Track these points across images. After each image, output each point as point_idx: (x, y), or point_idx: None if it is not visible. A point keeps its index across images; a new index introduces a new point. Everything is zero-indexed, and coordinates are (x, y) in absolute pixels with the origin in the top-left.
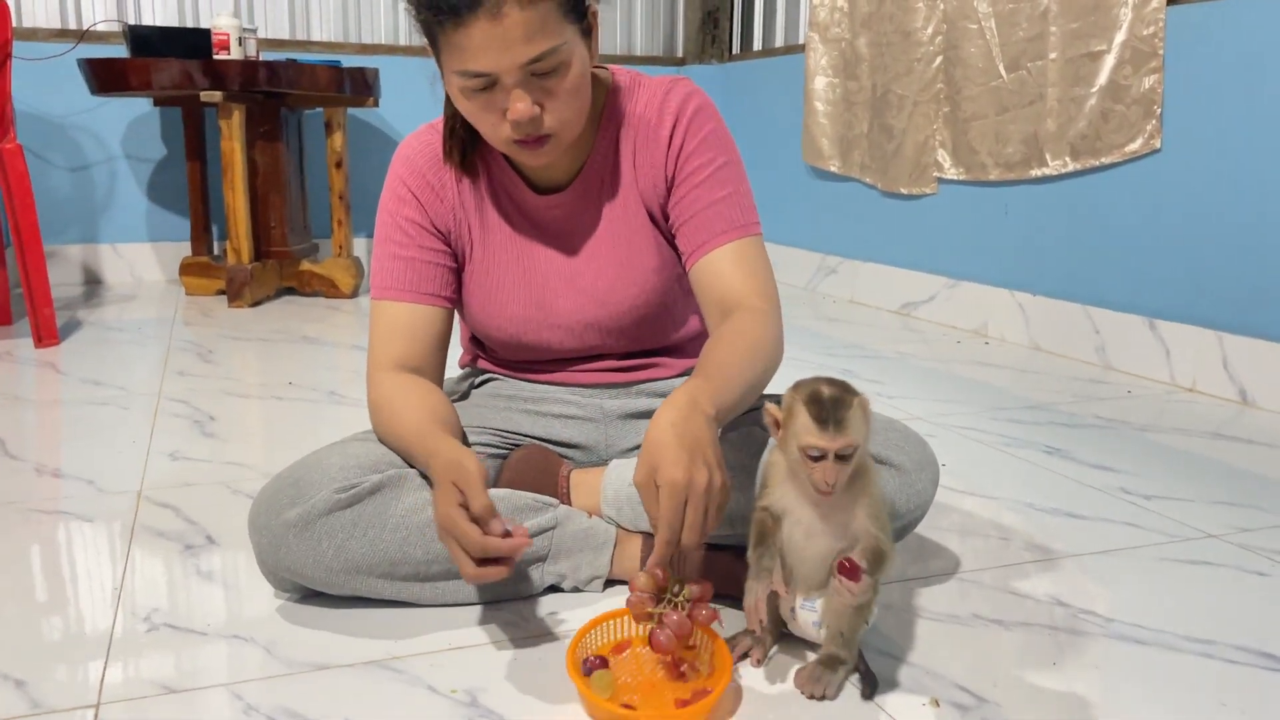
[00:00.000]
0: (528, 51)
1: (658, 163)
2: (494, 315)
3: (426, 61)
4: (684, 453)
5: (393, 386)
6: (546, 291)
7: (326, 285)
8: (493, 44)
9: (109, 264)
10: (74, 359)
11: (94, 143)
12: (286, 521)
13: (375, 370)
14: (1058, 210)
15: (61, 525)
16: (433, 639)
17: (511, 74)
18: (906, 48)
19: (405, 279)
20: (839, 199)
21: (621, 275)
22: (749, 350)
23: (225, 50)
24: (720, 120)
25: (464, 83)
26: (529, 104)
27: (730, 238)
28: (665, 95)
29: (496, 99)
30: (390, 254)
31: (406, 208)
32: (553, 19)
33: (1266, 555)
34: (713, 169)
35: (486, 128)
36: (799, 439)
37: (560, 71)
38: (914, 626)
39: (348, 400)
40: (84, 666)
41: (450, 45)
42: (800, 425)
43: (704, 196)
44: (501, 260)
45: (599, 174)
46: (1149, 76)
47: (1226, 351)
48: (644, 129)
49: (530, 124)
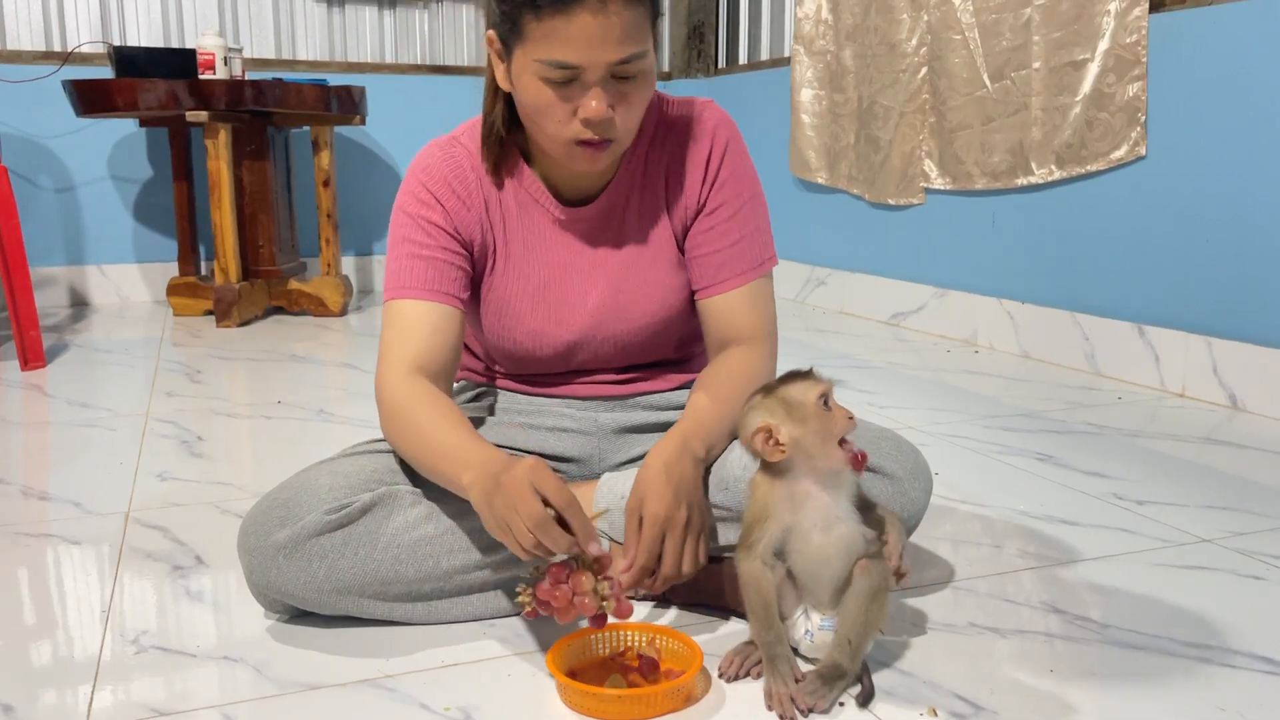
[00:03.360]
0: (621, 51)
1: (692, 187)
2: (510, 328)
3: (414, 79)
4: (670, 491)
5: (409, 392)
6: (565, 307)
7: (315, 304)
8: (592, 37)
9: (96, 285)
10: (61, 381)
11: (80, 164)
12: (276, 543)
13: (389, 372)
14: (1045, 218)
15: (49, 548)
16: (425, 657)
17: (598, 70)
18: (891, 59)
19: (426, 277)
20: (827, 211)
21: (641, 291)
22: (744, 385)
23: (211, 70)
24: (748, 152)
25: (546, 73)
26: (605, 104)
27: (747, 279)
28: (701, 120)
29: (573, 94)
30: (409, 254)
31: (431, 211)
32: (644, 24)
33: (1261, 559)
34: (739, 204)
35: (552, 124)
36: (811, 415)
37: (639, 78)
38: (909, 636)
39: (337, 419)
40: (73, 690)
41: (542, 32)
42: (802, 401)
43: (728, 234)
44: (523, 272)
45: (627, 189)
46: (1133, 84)
47: (1215, 356)
48: (679, 151)
49: (602, 125)
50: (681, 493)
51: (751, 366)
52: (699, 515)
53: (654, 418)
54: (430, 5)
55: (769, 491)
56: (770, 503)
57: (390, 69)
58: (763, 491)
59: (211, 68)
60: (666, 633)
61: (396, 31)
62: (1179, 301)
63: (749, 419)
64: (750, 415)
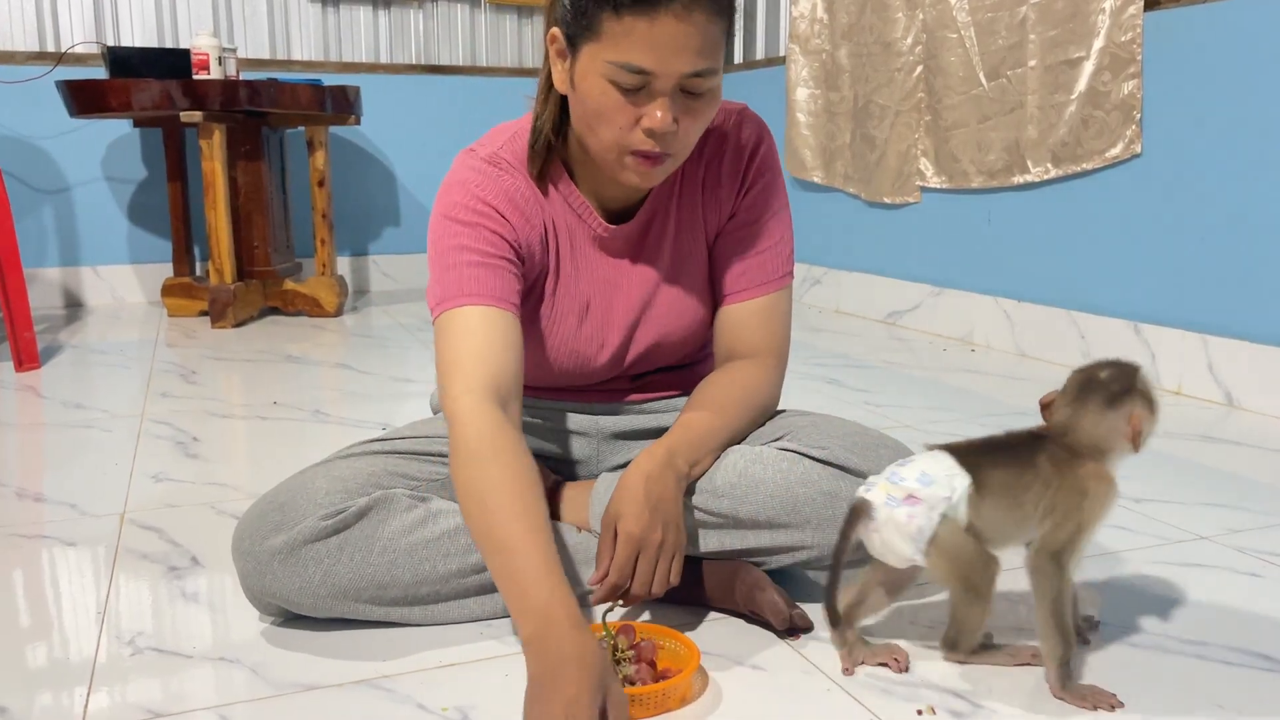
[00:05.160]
0: (697, 63)
1: (728, 196)
2: (555, 348)
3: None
4: (647, 509)
5: (491, 432)
6: (606, 324)
7: (310, 304)
8: (672, 43)
9: (90, 286)
10: (55, 382)
11: (74, 165)
12: (271, 548)
13: (465, 394)
14: (1041, 217)
15: (44, 550)
16: (422, 657)
17: (670, 80)
18: (887, 58)
19: (493, 285)
20: (823, 210)
21: (675, 307)
22: (743, 402)
23: (205, 70)
24: (779, 162)
25: (617, 75)
26: (671, 116)
27: (765, 291)
28: (739, 125)
29: (640, 101)
30: (468, 261)
31: (492, 222)
32: (721, 42)
33: (1258, 556)
34: (768, 214)
35: (612, 130)
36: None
37: (707, 95)
38: (908, 634)
39: (332, 419)
40: (68, 692)
41: (619, 32)
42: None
43: (754, 243)
44: (571, 293)
45: (666, 202)
46: (1128, 82)
47: (1211, 354)
48: (716, 161)
49: (664, 138)
50: (659, 511)
51: (754, 382)
52: (674, 534)
53: (654, 422)
54: (425, 5)
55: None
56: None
57: (385, 69)
58: (1112, 491)
59: (206, 68)
60: (664, 632)
61: (391, 31)
62: (1175, 299)
63: (1110, 414)
64: (1121, 410)
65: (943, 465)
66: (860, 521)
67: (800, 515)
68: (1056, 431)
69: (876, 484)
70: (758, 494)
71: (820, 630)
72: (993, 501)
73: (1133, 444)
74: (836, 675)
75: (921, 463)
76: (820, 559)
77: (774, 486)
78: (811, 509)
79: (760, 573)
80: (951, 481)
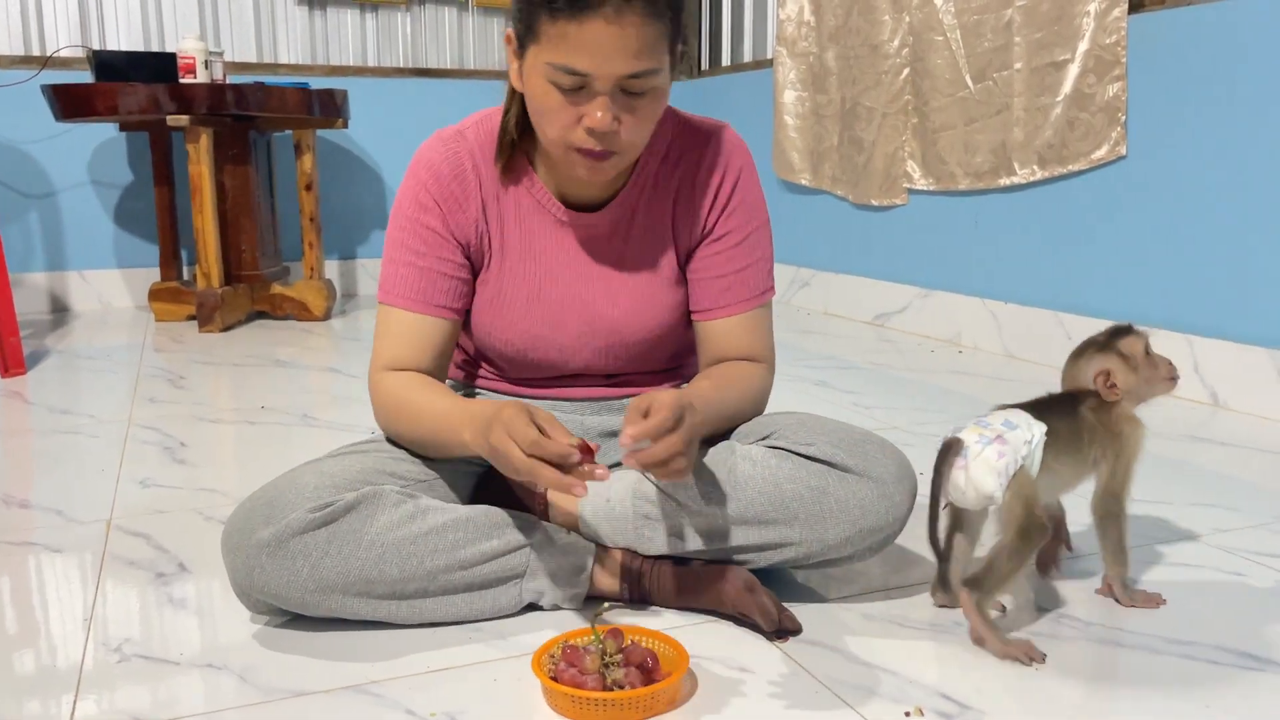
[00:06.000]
0: (632, 65)
1: (702, 210)
2: (503, 329)
3: (396, 82)
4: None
5: (397, 381)
6: (562, 311)
7: (298, 308)
8: (604, 46)
9: (77, 291)
10: (42, 388)
11: (60, 169)
12: (260, 541)
13: (377, 371)
14: (1027, 218)
15: (31, 557)
16: (411, 661)
17: (607, 81)
18: (874, 60)
19: (417, 289)
20: (811, 212)
21: (639, 306)
22: (743, 386)
23: (191, 74)
24: (759, 180)
25: (555, 76)
26: (610, 116)
27: (747, 307)
28: (717, 143)
29: (580, 101)
30: (404, 260)
31: (427, 215)
32: (660, 43)
33: (1244, 556)
34: (747, 232)
35: (556, 128)
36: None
37: (649, 95)
38: (895, 636)
39: (321, 423)
40: (55, 699)
41: (556, 35)
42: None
43: (734, 260)
44: (520, 274)
45: (634, 202)
46: (1113, 84)
47: (1197, 355)
48: (692, 172)
49: (605, 136)
50: (687, 417)
51: (748, 373)
52: (695, 446)
53: None
54: (412, 8)
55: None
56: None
57: (373, 72)
58: (1139, 430)
59: (192, 72)
60: (654, 635)
61: (379, 34)
62: (1160, 300)
63: (1086, 367)
64: (1089, 363)
65: (1021, 416)
66: (953, 457)
67: (788, 511)
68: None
69: (965, 427)
70: (746, 490)
71: (809, 631)
72: (1059, 448)
73: (1103, 393)
74: (824, 677)
75: (1003, 413)
76: (807, 557)
77: (762, 483)
78: (799, 505)
79: (749, 575)
80: (1031, 428)
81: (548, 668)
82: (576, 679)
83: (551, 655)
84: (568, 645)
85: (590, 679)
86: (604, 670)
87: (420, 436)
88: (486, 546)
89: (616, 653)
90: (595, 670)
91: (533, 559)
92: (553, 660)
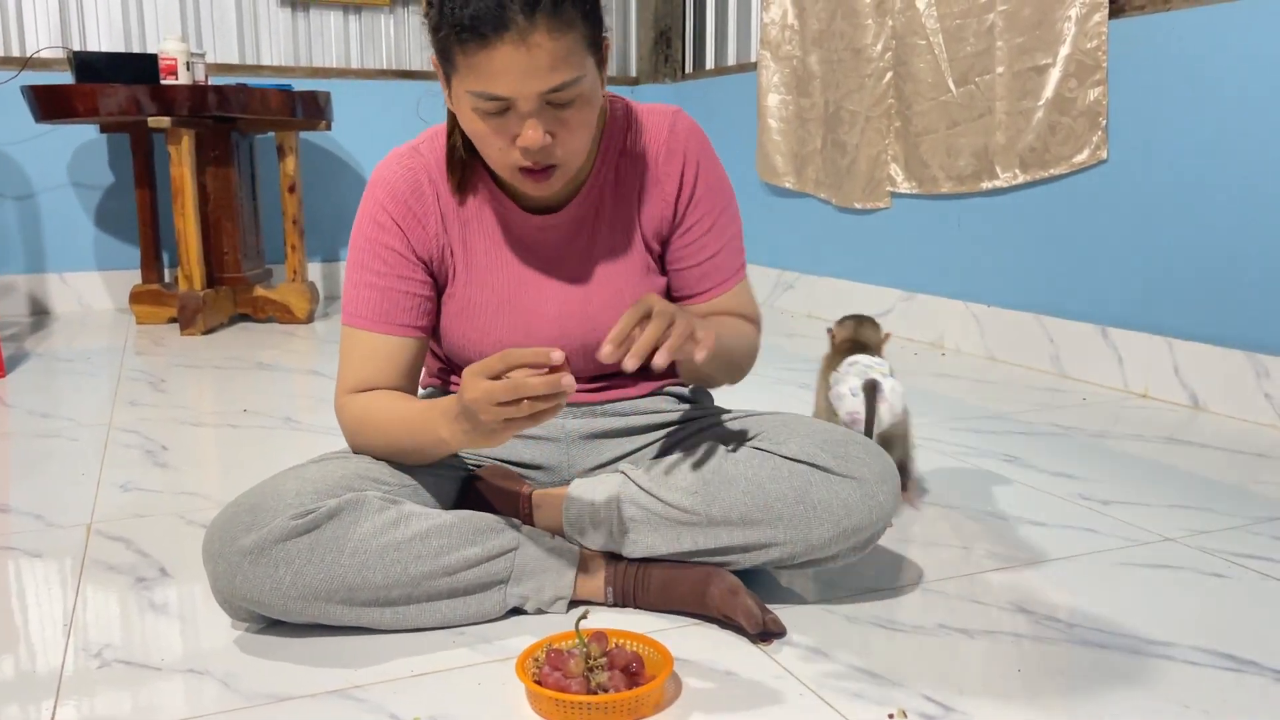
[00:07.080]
0: (550, 80)
1: (666, 198)
2: (476, 341)
3: (387, 84)
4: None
5: (363, 399)
6: (533, 315)
7: (281, 311)
8: (516, 69)
9: (57, 294)
10: (21, 391)
11: (40, 171)
12: (242, 548)
13: (343, 395)
14: (1009, 222)
15: (9, 561)
16: (393, 666)
17: (529, 101)
18: (857, 64)
19: (379, 309)
20: (794, 215)
21: (611, 302)
22: (727, 325)
23: (173, 75)
24: (718, 160)
25: (478, 104)
26: (541, 133)
27: (726, 287)
28: (672, 130)
29: (509, 123)
30: (366, 281)
31: (386, 235)
32: (576, 50)
33: (1223, 557)
34: (716, 216)
35: (493, 151)
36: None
37: (576, 103)
38: (879, 638)
39: (304, 426)
40: (35, 705)
41: (470, 65)
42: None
43: (708, 246)
44: (487, 284)
45: (596, 199)
46: (1094, 89)
47: (1177, 358)
48: (651, 162)
49: (540, 152)
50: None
51: (743, 325)
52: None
53: (622, 423)
54: (395, 9)
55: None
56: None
57: (355, 74)
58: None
59: (174, 73)
60: (638, 639)
61: (362, 36)
62: (1141, 304)
63: (871, 330)
64: (872, 328)
65: (868, 357)
66: (878, 395)
67: (772, 511)
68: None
69: (869, 372)
70: (730, 491)
71: (793, 634)
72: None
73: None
74: (809, 680)
75: (858, 358)
76: (791, 557)
77: (746, 483)
78: (783, 505)
79: (733, 578)
80: (882, 363)
81: (532, 671)
82: (561, 683)
83: (535, 659)
84: (552, 649)
85: (574, 682)
86: (588, 674)
87: (394, 444)
88: (470, 552)
89: (601, 656)
90: (579, 674)
91: (516, 564)
92: (537, 664)
